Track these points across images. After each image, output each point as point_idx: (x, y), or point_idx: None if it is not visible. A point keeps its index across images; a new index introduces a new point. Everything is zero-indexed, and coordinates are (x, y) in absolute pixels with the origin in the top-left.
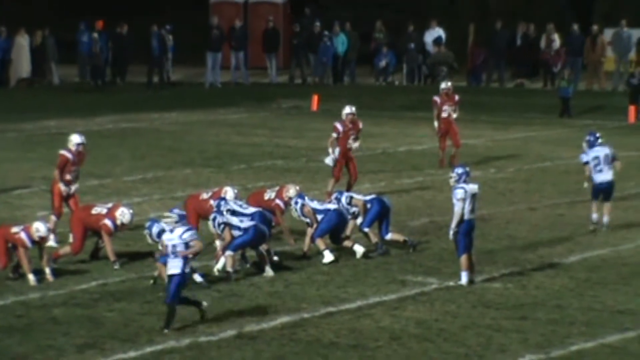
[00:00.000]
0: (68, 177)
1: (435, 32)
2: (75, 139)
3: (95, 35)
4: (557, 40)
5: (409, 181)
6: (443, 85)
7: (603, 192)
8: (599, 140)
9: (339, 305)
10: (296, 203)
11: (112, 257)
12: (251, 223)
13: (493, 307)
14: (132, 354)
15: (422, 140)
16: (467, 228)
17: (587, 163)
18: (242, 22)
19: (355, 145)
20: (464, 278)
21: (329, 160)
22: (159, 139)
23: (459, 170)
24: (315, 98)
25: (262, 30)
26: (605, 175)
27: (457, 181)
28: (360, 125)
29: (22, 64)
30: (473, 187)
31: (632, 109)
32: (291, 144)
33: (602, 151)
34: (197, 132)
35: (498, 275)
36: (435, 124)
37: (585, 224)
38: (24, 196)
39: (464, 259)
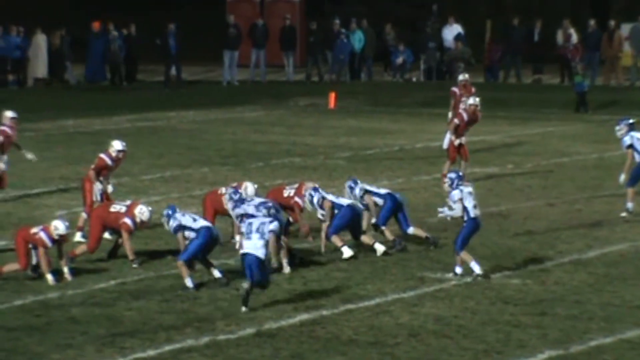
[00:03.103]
0: (101, 179)
1: (453, 29)
2: (116, 145)
3: (115, 33)
4: (574, 35)
5: (426, 178)
6: (461, 77)
7: None
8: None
9: (357, 302)
10: (312, 195)
11: (130, 256)
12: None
13: (512, 303)
14: (150, 352)
15: (439, 136)
16: (473, 226)
17: (631, 146)
18: (261, 20)
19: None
20: (477, 268)
21: (444, 144)
22: (176, 138)
23: (452, 175)
24: (332, 95)
25: (279, 28)
26: None
27: (451, 186)
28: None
29: (39, 64)
30: (467, 188)
31: None
32: (308, 142)
33: None
34: (214, 131)
35: (517, 271)
36: (450, 115)
37: (604, 220)
38: (42, 196)
39: (465, 254)
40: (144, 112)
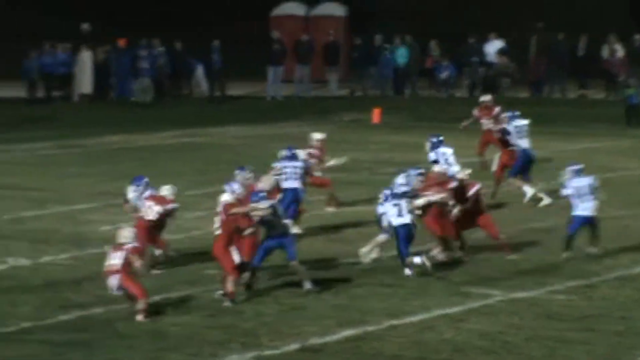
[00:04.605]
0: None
1: (495, 44)
2: (315, 135)
3: (162, 49)
4: (620, 50)
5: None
6: (482, 98)
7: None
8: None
9: (402, 318)
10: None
11: None
12: None
13: (557, 319)
14: None
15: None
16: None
17: (435, 161)
18: (306, 35)
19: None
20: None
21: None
22: (220, 154)
23: (386, 192)
24: (376, 111)
25: (323, 44)
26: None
27: (382, 203)
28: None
29: (84, 80)
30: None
31: None
32: (353, 157)
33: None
34: (258, 146)
35: (562, 287)
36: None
37: None
38: (86, 211)
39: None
40: (187, 128)
